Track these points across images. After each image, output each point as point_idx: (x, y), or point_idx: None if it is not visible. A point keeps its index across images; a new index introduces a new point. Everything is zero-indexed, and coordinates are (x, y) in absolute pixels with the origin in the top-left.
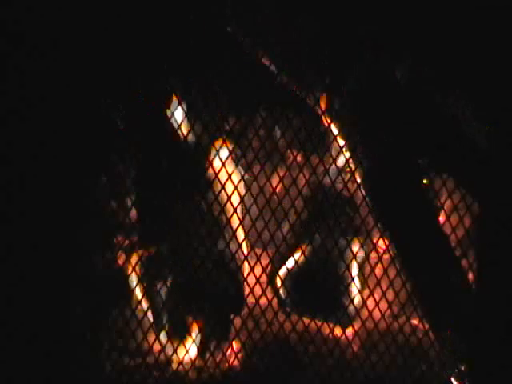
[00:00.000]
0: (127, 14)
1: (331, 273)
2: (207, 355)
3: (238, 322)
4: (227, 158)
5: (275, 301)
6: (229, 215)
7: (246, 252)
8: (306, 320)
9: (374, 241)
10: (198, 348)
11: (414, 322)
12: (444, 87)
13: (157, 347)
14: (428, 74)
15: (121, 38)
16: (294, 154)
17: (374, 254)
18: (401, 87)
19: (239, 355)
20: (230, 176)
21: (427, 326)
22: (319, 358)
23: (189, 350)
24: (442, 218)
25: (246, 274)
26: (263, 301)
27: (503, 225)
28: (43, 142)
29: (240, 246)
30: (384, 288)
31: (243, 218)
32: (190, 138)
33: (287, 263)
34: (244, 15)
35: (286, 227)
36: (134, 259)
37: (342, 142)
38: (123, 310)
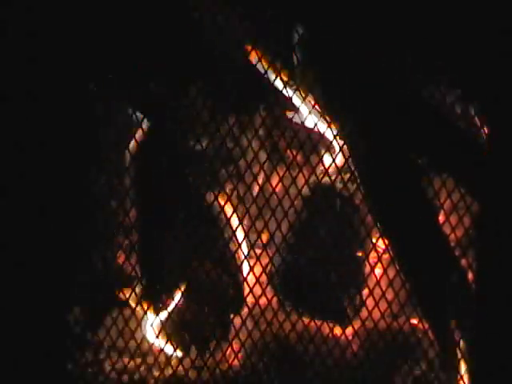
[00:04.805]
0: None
1: (331, 272)
2: (207, 355)
3: (237, 321)
4: (226, 159)
5: (275, 300)
6: (228, 215)
7: (245, 252)
8: (306, 320)
9: (374, 241)
10: (197, 348)
11: (414, 321)
12: (445, 85)
13: (157, 347)
14: (428, 72)
15: (120, 36)
16: (294, 153)
17: (373, 254)
18: (400, 86)
19: (239, 355)
20: (229, 176)
21: (427, 326)
22: (319, 357)
23: (189, 350)
24: (441, 218)
25: (245, 274)
26: (263, 300)
27: (503, 224)
28: (43, 141)
29: (240, 245)
30: (384, 288)
31: (243, 217)
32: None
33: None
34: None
35: (285, 227)
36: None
37: (341, 142)
38: (122, 311)
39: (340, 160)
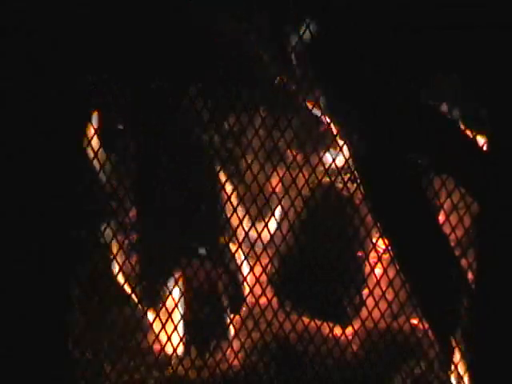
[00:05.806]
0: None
1: (331, 272)
2: (207, 355)
3: (237, 321)
4: (227, 158)
5: (275, 300)
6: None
7: (245, 251)
8: (306, 320)
9: (374, 241)
10: (197, 348)
11: (414, 321)
12: (445, 87)
13: (157, 347)
14: (427, 75)
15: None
16: (294, 153)
17: (373, 254)
18: (400, 86)
19: (239, 355)
20: (229, 175)
21: (427, 326)
22: (319, 357)
23: (189, 350)
24: (441, 218)
25: (245, 274)
26: (263, 300)
27: (503, 224)
28: (42, 141)
29: (240, 245)
30: (384, 288)
31: (243, 217)
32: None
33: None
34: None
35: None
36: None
37: (341, 142)
38: (123, 310)
39: (340, 160)
